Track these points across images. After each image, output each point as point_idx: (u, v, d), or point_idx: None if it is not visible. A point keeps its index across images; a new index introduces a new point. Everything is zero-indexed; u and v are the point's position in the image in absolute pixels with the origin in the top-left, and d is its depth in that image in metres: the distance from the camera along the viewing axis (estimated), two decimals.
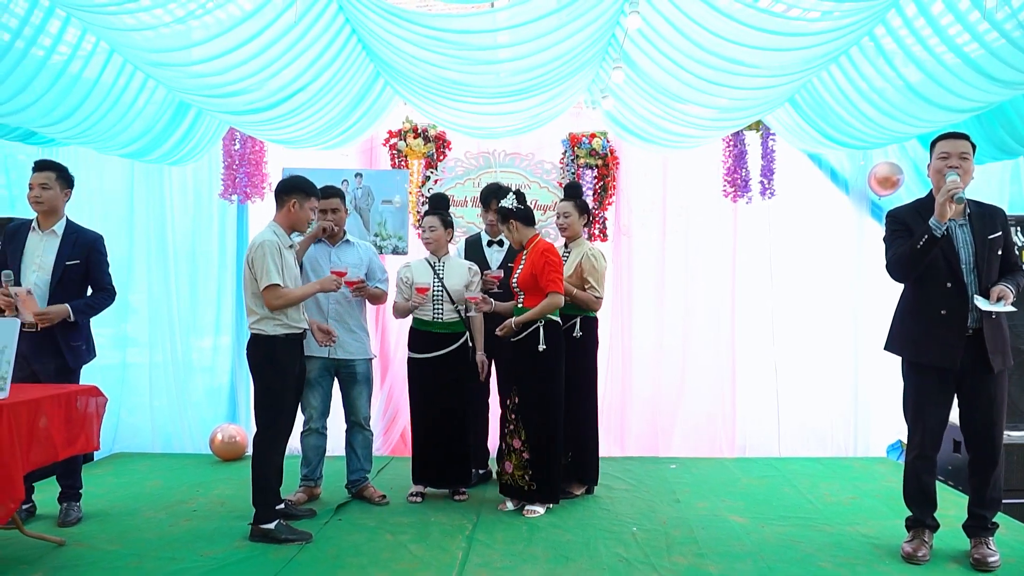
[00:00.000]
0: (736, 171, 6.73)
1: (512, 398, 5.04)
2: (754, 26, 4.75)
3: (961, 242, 4.05)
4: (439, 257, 5.24)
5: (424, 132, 6.78)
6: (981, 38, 4.47)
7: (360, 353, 5.21)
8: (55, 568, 3.97)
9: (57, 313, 4.53)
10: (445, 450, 5.17)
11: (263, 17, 4.70)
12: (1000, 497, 4.20)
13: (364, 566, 4.05)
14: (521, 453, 4.95)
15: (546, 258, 4.81)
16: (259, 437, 4.49)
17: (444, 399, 5.13)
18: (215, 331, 6.94)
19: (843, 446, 6.86)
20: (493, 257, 5.66)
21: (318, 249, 5.14)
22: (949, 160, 3.99)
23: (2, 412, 3.64)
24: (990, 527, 4.16)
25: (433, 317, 5.13)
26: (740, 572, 4.01)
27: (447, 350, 5.13)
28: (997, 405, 4.07)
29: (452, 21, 5.06)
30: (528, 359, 4.91)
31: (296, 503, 5.01)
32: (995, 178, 6.55)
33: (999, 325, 4.03)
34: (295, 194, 4.51)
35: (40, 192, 4.61)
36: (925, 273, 4.05)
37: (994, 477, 4.12)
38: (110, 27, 4.63)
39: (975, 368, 4.02)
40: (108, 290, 4.86)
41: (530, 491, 4.95)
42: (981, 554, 4.07)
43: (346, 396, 5.25)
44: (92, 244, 4.80)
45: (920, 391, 4.18)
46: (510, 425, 5.03)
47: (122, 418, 6.72)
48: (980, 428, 4.11)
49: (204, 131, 6.21)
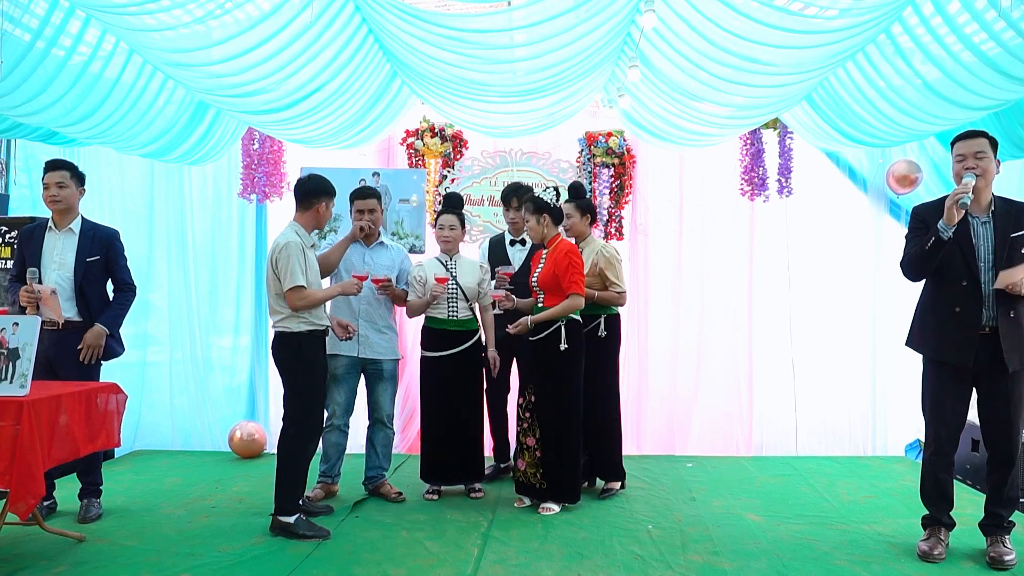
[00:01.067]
0: (753, 169, 6.71)
1: (528, 396, 5.05)
2: (770, 24, 4.74)
3: (981, 238, 4.02)
4: (451, 256, 5.26)
5: (441, 131, 6.80)
6: (998, 36, 4.44)
7: (389, 353, 5.25)
8: (75, 563, 4.01)
9: (97, 338, 4.65)
10: (457, 447, 5.19)
11: (280, 17, 4.73)
12: (1017, 496, 4.19)
13: (380, 562, 4.06)
14: (535, 451, 4.97)
15: (569, 259, 4.80)
16: (290, 432, 4.51)
17: (457, 397, 5.17)
18: (235, 330, 6.99)
19: (861, 445, 6.82)
20: (516, 257, 5.64)
21: (352, 249, 5.18)
22: (966, 162, 3.97)
23: (23, 409, 3.69)
24: (1006, 526, 4.14)
25: (448, 315, 5.16)
26: (755, 570, 4.00)
27: (462, 348, 5.16)
28: (1015, 404, 4.04)
29: (468, 21, 5.07)
30: (547, 358, 4.92)
31: (314, 499, 5.04)
32: (1015, 175, 6.49)
33: (1016, 323, 3.98)
34: (324, 197, 4.60)
35: (57, 191, 4.66)
36: (943, 271, 4.04)
37: (1011, 476, 4.10)
38: (129, 28, 4.67)
39: (992, 366, 3.99)
40: (130, 286, 4.93)
41: (542, 489, 4.97)
42: (997, 552, 4.04)
43: (371, 393, 5.29)
44: (110, 240, 4.86)
45: (938, 388, 4.17)
46: (524, 423, 5.06)
47: (143, 416, 6.78)
48: (997, 427, 4.09)
49: (223, 131, 6.26)
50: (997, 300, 3.97)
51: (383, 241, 5.31)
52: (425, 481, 5.31)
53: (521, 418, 5.10)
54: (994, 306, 3.97)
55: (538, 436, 4.95)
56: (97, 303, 4.75)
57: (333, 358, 5.00)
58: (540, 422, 4.96)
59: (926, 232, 4.05)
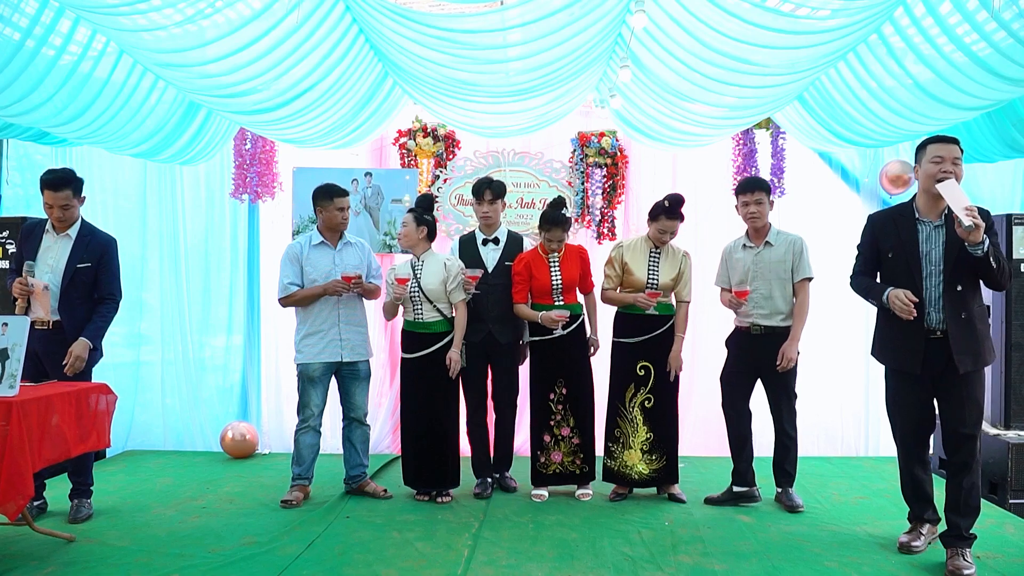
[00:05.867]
0: (746, 170, 6.71)
1: (559, 390, 5.25)
2: (761, 24, 4.73)
3: (933, 243, 4.01)
4: (419, 256, 5.20)
5: (434, 131, 6.80)
6: (989, 37, 4.44)
7: (366, 353, 5.31)
8: (65, 564, 4.00)
9: (83, 350, 4.64)
10: (430, 451, 5.16)
11: (271, 17, 4.71)
12: (978, 505, 4.06)
13: (370, 563, 4.06)
14: (571, 440, 5.27)
15: (586, 260, 5.37)
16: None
17: (430, 399, 5.13)
18: (227, 330, 6.97)
19: (853, 446, 6.84)
20: (489, 257, 5.40)
21: (321, 252, 5.20)
22: (943, 164, 3.92)
23: (12, 409, 3.68)
24: (967, 536, 4.00)
25: (414, 317, 5.15)
26: (746, 571, 4.00)
27: (431, 350, 5.11)
28: (969, 408, 3.97)
29: (460, 21, 5.06)
30: (577, 349, 5.29)
31: (295, 503, 5.06)
32: (1006, 176, 6.51)
33: (967, 324, 3.94)
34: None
35: (62, 213, 4.68)
36: (891, 281, 4.09)
37: (969, 483, 3.99)
38: (119, 28, 4.66)
39: (945, 371, 3.97)
40: (113, 297, 4.88)
41: (582, 474, 5.30)
42: (955, 566, 3.91)
43: (347, 393, 5.29)
44: (105, 248, 4.85)
45: (896, 394, 4.25)
46: (556, 416, 5.27)
47: (134, 416, 6.78)
48: (951, 431, 4.03)
49: (215, 131, 6.25)
50: (946, 303, 3.94)
51: (349, 240, 5.32)
52: (408, 486, 5.29)
53: (553, 411, 5.25)
54: (942, 309, 3.94)
55: (572, 425, 5.26)
56: (79, 310, 4.73)
57: (310, 364, 5.13)
58: (573, 411, 5.26)
59: (871, 252, 4.28)
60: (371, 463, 5.57)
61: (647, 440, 5.22)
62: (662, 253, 5.23)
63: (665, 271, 5.18)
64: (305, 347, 5.14)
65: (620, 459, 5.24)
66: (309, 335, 5.13)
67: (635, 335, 5.19)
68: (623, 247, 5.30)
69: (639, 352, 5.20)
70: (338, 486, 5.41)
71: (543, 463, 5.29)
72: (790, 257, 5.06)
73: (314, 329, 5.12)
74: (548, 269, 5.20)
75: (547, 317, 5.07)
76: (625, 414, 5.23)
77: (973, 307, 3.98)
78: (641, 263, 5.20)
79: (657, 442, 5.22)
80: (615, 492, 5.30)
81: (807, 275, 5.08)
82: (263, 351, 6.89)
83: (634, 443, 5.21)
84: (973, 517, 4.03)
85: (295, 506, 5.02)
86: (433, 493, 5.24)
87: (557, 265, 5.22)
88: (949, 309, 3.94)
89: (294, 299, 5.13)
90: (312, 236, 5.23)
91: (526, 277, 5.21)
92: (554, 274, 5.19)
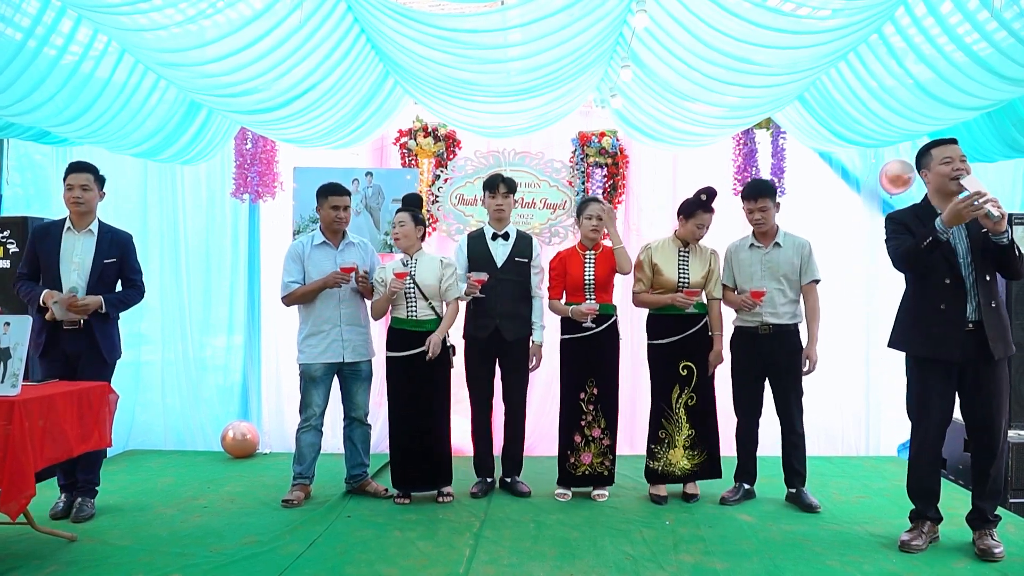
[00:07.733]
0: (746, 169, 6.72)
1: (590, 390, 5.24)
2: (762, 24, 4.74)
3: (957, 238, 4.11)
4: (411, 255, 5.18)
5: (434, 131, 6.80)
6: (990, 36, 4.45)
7: (368, 353, 5.31)
8: (67, 563, 4.01)
9: (92, 303, 4.69)
10: (422, 450, 5.12)
11: (272, 16, 4.71)
12: (999, 489, 4.28)
13: (372, 562, 4.06)
14: (601, 441, 5.27)
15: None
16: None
17: (421, 398, 5.10)
18: (228, 329, 6.97)
19: (854, 445, 6.84)
20: (499, 252, 5.34)
21: (323, 251, 5.21)
22: (953, 163, 4.07)
23: (14, 409, 3.68)
24: (992, 519, 4.23)
25: (408, 315, 5.12)
26: (747, 570, 4.00)
27: (422, 348, 5.05)
28: (998, 397, 4.14)
29: (461, 20, 5.06)
30: (607, 350, 5.28)
31: (296, 502, 5.06)
32: (1006, 176, 6.51)
33: (997, 313, 4.09)
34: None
35: (81, 193, 4.75)
36: (925, 271, 4.14)
37: (995, 468, 4.17)
38: (121, 27, 4.66)
39: (976, 359, 4.08)
40: (139, 286, 5.05)
41: (609, 476, 5.32)
42: (986, 545, 4.14)
43: (348, 393, 5.30)
44: (126, 243, 5.01)
45: (924, 386, 4.24)
46: (587, 416, 5.25)
47: (136, 415, 6.78)
48: (981, 420, 4.17)
49: (215, 130, 6.25)
50: (980, 292, 4.06)
51: (351, 240, 5.32)
52: (395, 488, 5.24)
53: (584, 412, 5.25)
54: (976, 300, 4.05)
55: (603, 426, 5.26)
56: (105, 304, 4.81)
57: (313, 364, 5.14)
58: (604, 411, 5.26)
59: (906, 233, 4.18)
60: (372, 462, 5.56)
61: (689, 436, 5.24)
62: (691, 252, 5.23)
63: (695, 269, 5.19)
64: (307, 347, 5.14)
65: (664, 459, 5.25)
66: (311, 335, 5.13)
67: (671, 335, 5.19)
68: (651, 248, 5.28)
69: (678, 352, 5.20)
70: (339, 485, 5.42)
71: (572, 463, 5.28)
72: (798, 259, 5.08)
73: (316, 329, 5.12)
74: (582, 265, 5.24)
75: (577, 311, 5.11)
76: (671, 415, 5.23)
77: (999, 297, 4.13)
78: (671, 263, 5.20)
79: (699, 438, 5.25)
80: (657, 496, 5.25)
81: (815, 277, 5.10)
82: (264, 351, 6.89)
83: (678, 441, 5.24)
84: (998, 500, 4.30)
85: (296, 505, 5.03)
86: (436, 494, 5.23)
87: (592, 263, 5.25)
88: (983, 297, 4.06)
89: (295, 296, 5.13)
90: (314, 236, 5.23)
91: (561, 273, 5.28)
92: (588, 270, 5.22)
